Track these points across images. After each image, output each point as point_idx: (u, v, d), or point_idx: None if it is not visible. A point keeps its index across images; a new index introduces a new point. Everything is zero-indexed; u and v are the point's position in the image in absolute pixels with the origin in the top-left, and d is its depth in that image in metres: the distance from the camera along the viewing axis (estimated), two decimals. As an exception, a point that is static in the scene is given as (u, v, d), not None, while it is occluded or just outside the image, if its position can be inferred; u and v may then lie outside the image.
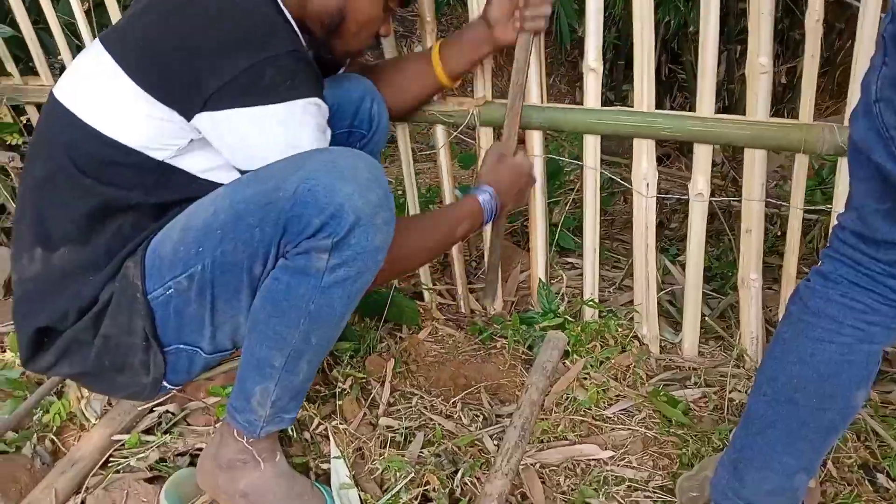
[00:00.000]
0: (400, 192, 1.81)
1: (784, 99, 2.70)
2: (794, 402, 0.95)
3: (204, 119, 1.01)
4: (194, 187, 1.07)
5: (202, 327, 1.06)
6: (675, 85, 2.94)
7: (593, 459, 1.28)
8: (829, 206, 1.37)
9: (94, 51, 1.07)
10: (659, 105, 1.42)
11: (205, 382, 1.38)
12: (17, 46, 1.86)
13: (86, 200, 1.05)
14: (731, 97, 2.62)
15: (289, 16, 1.10)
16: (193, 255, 1.01)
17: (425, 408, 1.38)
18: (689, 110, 1.36)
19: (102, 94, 1.05)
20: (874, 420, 1.31)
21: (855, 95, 1.25)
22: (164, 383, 1.12)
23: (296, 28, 1.12)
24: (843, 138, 1.26)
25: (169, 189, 1.07)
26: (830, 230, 1.34)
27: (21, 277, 1.10)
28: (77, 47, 1.87)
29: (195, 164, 1.08)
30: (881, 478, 1.23)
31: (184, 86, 1.00)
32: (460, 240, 1.39)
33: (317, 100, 1.05)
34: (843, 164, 1.30)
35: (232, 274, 1.01)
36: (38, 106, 1.94)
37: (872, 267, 0.90)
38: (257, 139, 1.02)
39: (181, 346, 1.09)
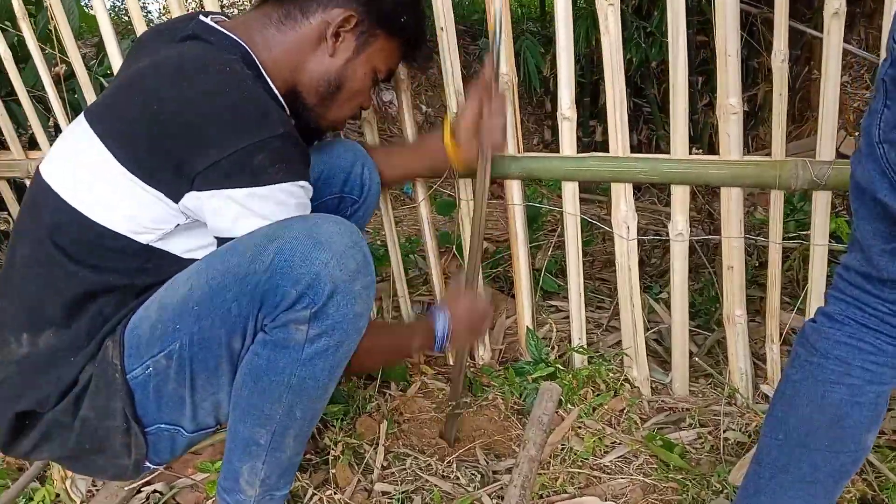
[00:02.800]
0: (380, 242, 1.80)
1: (747, 126, 2.76)
2: (806, 445, 0.94)
3: (191, 199, 1.00)
4: (177, 268, 1.05)
5: (182, 406, 1.04)
6: (640, 118, 2.99)
7: (595, 511, 1.26)
8: (805, 232, 1.38)
9: (80, 127, 1.05)
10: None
11: (192, 457, 1.34)
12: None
13: (70, 285, 1.03)
14: (696, 128, 2.67)
15: (276, 91, 1.10)
16: (171, 333, 0.99)
17: (420, 469, 1.35)
18: (656, 143, 1.38)
19: (88, 175, 1.02)
20: (871, 452, 1.32)
21: (827, 130, 1.27)
22: (147, 463, 1.09)
23: (283, 103, 1.11)
24: (815, 172, 1.28)
25: (153, 270, 1.06)
26: (810, 261, 1.37)
27: (3, 360, 1.06)
28: (46, 117, 1.85)
29: (180, 245, 1.07)
30: (880, 510, 1.23)
31: (171, 166, 0.98)
32: (412, 355, 1.49)
33: (303, 182, 1.04)
34: (817, 198, 1.32)
35: (210, 351, 0.99)
36: (9, 181, 1.91)
37: (879, 307, 0.90)
38: (242, 220, 1.00)
39: (162, 425, 1.06)
